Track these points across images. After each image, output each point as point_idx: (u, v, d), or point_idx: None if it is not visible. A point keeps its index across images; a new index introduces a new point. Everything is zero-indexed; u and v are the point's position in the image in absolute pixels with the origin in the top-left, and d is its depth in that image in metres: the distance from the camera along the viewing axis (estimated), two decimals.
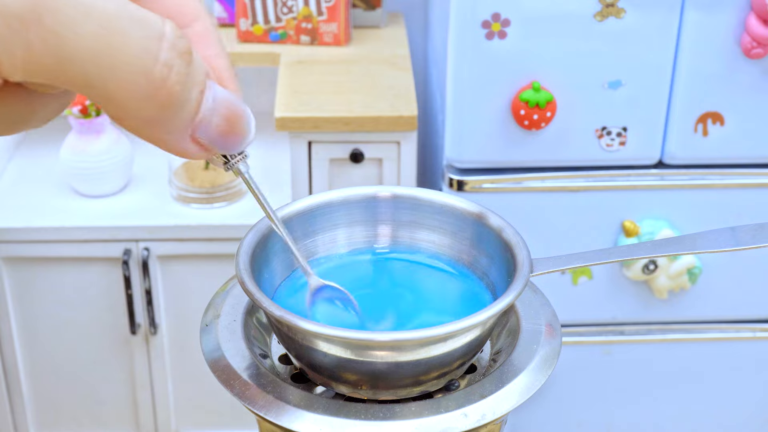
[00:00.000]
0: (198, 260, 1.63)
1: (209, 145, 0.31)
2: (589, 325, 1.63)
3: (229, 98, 0.31)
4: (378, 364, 0.39)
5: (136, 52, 0.27)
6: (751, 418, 1.74)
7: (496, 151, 1.46)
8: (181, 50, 0.28)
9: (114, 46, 0.27)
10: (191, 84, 0.29)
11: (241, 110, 0.32)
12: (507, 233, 0.45)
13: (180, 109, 0.29)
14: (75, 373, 1.73)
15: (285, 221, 0.46)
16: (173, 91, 0.28)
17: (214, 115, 0.31)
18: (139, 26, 0.27)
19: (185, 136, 0.30)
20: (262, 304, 0.39)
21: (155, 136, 0.30)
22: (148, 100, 0.28)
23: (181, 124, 0.30)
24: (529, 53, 1.39)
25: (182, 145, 0.31)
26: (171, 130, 0.30)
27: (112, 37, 0.26)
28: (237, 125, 0.32)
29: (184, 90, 0.29)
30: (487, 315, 0.39)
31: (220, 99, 0.31)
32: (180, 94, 0.28)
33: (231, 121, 0.31)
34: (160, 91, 0.28)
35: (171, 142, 0.30)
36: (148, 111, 0.28)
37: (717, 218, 1.53)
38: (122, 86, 0.27)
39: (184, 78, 0.28)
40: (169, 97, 0.28)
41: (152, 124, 0.29)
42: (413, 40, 1.96)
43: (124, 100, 0.28)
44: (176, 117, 0.29)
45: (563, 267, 0.44)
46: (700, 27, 1.38)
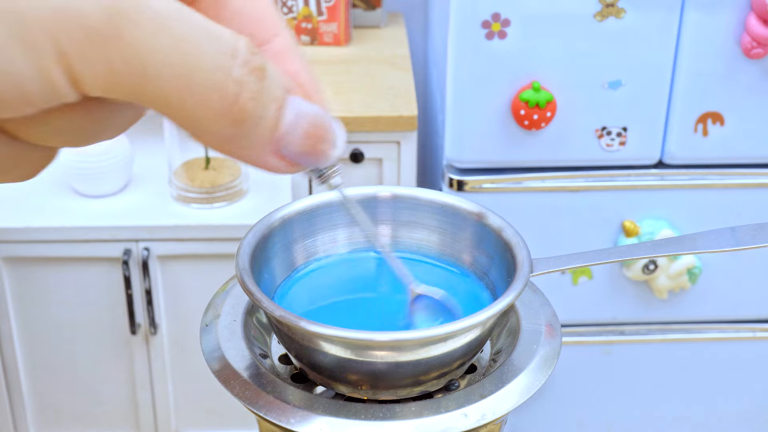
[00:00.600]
0: (198, 260, 1.63)
1: (294, 160, 0.31)
2: (589, 325, 1.63)
3: (314, 112, 0.31)
4: (378, 364, 0.39)
5: (210, 67, 0.27)
6: (751, 418, 1.74)
7: (496, 151, 1.46)
8: (254, 66, 0.28)
9: (189, 62, 0.26)
10: (267, 100, 0.29)
11: (326, 124, 0.32)
12: (507, 233, 0.45)
13: (255, 125, 0.29)
14: (75, 373, 1.73)
15: (285, 221, 0.46)
16: (246, 107, 0.28)
17: (296, 129, 0.30)
18: (213, 42, 0.27)
19: (266, 152, 0.30)
20: (262, 304, 0.39)
21: (236, 152, 0.30)
22: (222, 117, 0.28)
23: (260, 140, 0.29)
24: (529, 53, 1.39)
25: (265, 160, 0.30)
26: (250, 146, 0.29)
27: (187, 52, 0.26)
28: (321, 139, 0.32)
29: (258, 106, 0.28)
30: (487, 315, 0.39)
31: (304, 113, 0.30)
32: (254, 111, 0.28)
33: (315, 136, 0.31)
34: (233, 107, 0.28)
35: (253, 157, 0.30)
36: (223, 129, 0.28)
37: (717, 218, 1.53)
38: (197, 103, 0.27)
39: (257, 95, 0.28)
40: (242, 114, 0.28)
41: (230, 141, 0.29)
42: (413, 40, 1.96)
43: (200, 119, 0.28)
44: (253, 134, 0.29)
45: (563, 267, 0.44)
46: (700, 27, 1.38)
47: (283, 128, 0.30)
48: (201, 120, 0.28)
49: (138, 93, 0.26)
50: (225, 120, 0.28)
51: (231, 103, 0.27)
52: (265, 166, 0.31)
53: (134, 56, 0.26)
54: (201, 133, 0.29)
